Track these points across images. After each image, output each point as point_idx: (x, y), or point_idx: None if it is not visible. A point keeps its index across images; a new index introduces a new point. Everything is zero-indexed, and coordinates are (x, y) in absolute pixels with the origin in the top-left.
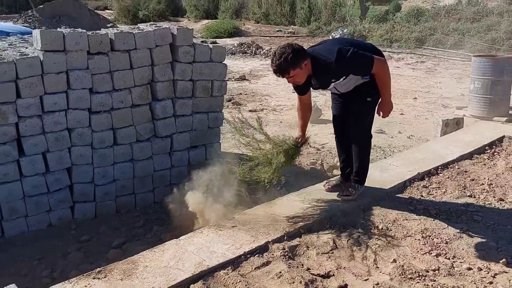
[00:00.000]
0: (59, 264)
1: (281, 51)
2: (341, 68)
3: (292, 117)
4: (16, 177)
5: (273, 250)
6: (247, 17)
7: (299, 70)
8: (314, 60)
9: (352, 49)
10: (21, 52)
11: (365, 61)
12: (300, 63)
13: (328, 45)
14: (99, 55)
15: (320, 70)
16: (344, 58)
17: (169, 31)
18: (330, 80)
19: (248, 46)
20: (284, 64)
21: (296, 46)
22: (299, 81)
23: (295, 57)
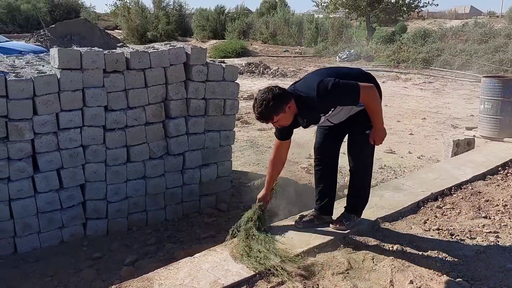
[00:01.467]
0: (71, 281)
1: (262, 98)
2: (324, 103)
3: (301, 136)
4: (31, 193)
5: (287, 269)
6: (254, 37)
7: (283, 114)
8: (298, 99)
9: (333, 81)
10: (39, 70)
11: (349, 91)
12: (283, 107)
13: (308, 80)
14: (115, 73)
15: (305, 108)
16: (325, 91)
17: (183, 51)
18: (318, 115)
19: (256, 66)
20: (266, 112)
21: (277, 91)
22: (285, 124)
23: (277, 102)
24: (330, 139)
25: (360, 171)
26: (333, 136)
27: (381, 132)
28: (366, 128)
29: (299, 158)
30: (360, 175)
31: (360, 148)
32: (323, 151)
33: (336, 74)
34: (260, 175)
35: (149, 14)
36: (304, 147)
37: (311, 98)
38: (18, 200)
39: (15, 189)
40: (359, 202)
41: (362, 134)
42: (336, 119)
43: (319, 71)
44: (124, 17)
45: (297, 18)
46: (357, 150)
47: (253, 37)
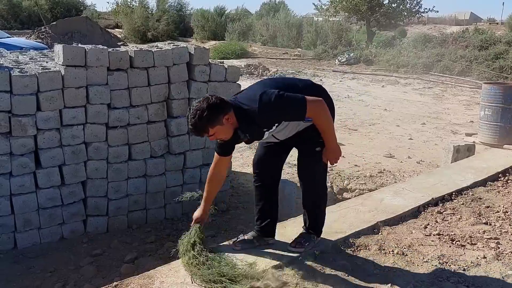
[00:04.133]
0: (71, 277)
1: (195, 108)
2: (266, 117)
3: None
4: (32, 189)
5: (287, 270)
6: (254, 39)
7: (220, 127)
8: (238, 111)
9: (277, 93)
10: (43, 66)
11: (294, 105)
12: (219, 119)
13: (251, 91)
14: (118, 71)
15: (247, 122)
16: (268, 104)
17: (186, 50)
18: (262, 130)
19: (255, 67)
20: (200, 124)
21: (213, 100)
22: (223, 137)
23: (212, 113)
24: (271, 153)
25: (311, 192)
26: (275, 149)
27: (334, 151)
28: (316, 145)
29: None
30: (312, 195)
31: (310, 167)
32: (263, 166)
33: (282, 86)
34: None
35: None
36: None
37: (252, 111)
38: (19, 196)
39: (17, 184)
40: (317, 222)
41: (311, 151)
42: (282, 135)
43: (264, 81)
44: (126, 16)
45: (296, 21)
46: (306, 170)
47: (252, 38)
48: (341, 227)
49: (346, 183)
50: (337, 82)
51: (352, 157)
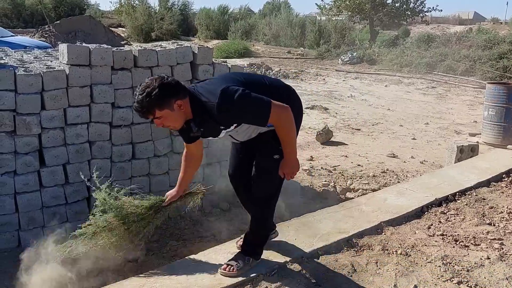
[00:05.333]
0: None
1: (146, 85)
2: (225, 115)
3: (302, 137)
4: (36, 187)
5: (291, 270)
6: (257, 38)
7: (169, 112)
8: (195, 101)
9: (241, 91)
10: (47, 65)
11: (257, 108)
12: (170, 103)
13: (212, 84)
14: (122, 70)
15: (202, 115)
16: (229, 102)
17: (190, 50)
18: (218, 128)
19: (258, 66)
20: (147, 102)
21: (167, 80)
22: (171, 125)
23: (163, 93)
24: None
25: (260, 202)
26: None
27: (292, 164)
28: (275, 152)
29: (300, 160)
30: (260, 206)
31: (264, 175)
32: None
33: (247, 83)
34: None
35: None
36: (304, 148)
37: (210, 106)
38: (23, 194)
39: (21, 182)
40: (257, 240)
41: (268, 158)
42: (241, 137)
43: (229, 75)
44: (129, 15)
45: (299, 20)
46: (260, 177)
47: (255, 38)
48: (344, 227)
49: (349, 183)
50: (340, 81)
51: (355, 156)
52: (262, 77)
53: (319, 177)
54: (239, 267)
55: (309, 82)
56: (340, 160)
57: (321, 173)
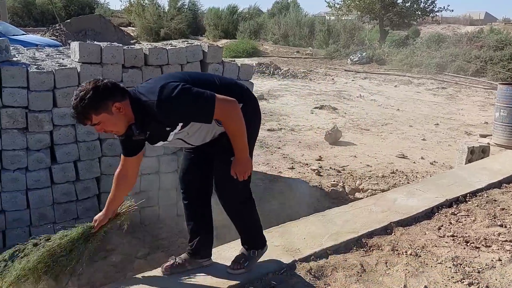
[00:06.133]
0: (85, 271)
1: (79, 89)
2: (166, 112)
3: (311, 137)
4: (48, 183)
5: (299, 269)
6: (266, 38)
7: (107, 115)
8: (135, 103)
9: (181, 85)
10: (59, 63)
11: (199, 102)
12: (106, 105)
13: (154, 82)
14: (133, 69)
15: (143, 117)
16: (168, 98)
17: (200, 48)
18: (164, 129)
19: (266, 66)
20: (81, 107)
21: (102, 83)
22: (113, 130)
23: (97, 96)
24: (196, 165)
25: (231, 205)
26: (199, 160)
27: (243, 163)
28: (232, 154)
29: (309, 160)
30: (241, 209)
31: (224, 178)
32: (189, 181)
33: (193, 80)
34: (269, 175)
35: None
36: (313, 148)
37: (150, 104)
38: (35, 190)
39: (33, 179)
40: (253, 236)
41: (225, 161)
42: (194, 140)
43: (174, 74)
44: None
45: (308, 20)
46: (221, 181)
47: (264, 37)
48: (353, 227)
49: (358, 183)
50: (349, 81)
51: (364, 157)
52: (213, 76)
53: (327, 177)
54: (246, 263)
55: (318, 82)
56: (349, 160)
57: (330, 173)
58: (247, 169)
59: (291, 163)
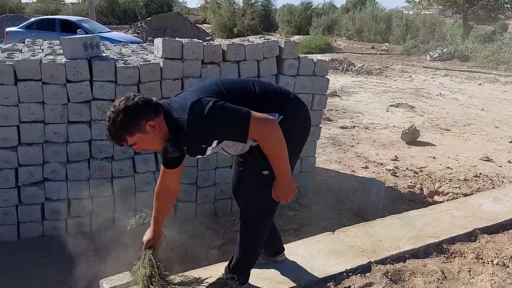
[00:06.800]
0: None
1: (111, 110)
2: (197, 132)
3: (386, 136)
4: (131, 173)
5: (375, 272)
6: (339, 33)
7: (142, 136)
8: (169, 119)
9: (212, 104)
10: (144, 59)
11: (233, 122)
12: (139, 125)
13: (186, 96)
14: (211, 64)
15: (177, 134)
16: (199, 118)
17: (276, 44)
18: (200, 146)
19: (339, 62)
20: (114, 130)
21: (132, 102)
22: (150, 148)
23: (129, 117)
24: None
25: (248, 226)
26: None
27: (284, 187)
28: (264, 167)
29: (384, 159)
30: (247, 231)
31: (251, 193)
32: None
33: (228, 92)
34: (342, 174)
35: (237, 9)
36: (389, 148)
37: (181, 123)
38: (119, 178)
39: (118, 168)
40: (242, 265)
41: (256, 174)
42: (232, 149)
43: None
44: (214, 11)
45: (385, 15)
46: (247, 196)
47: (337, 33)
48: (433, 231)
49: (438, 186)
50: (428, 78)
51: (444, 158)
52: (251, 84)
53: (404, 178)
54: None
55: (394, 79)
56: (428, 161)
57: (406, 174)
58: (289, 192)
59: (365, 162)
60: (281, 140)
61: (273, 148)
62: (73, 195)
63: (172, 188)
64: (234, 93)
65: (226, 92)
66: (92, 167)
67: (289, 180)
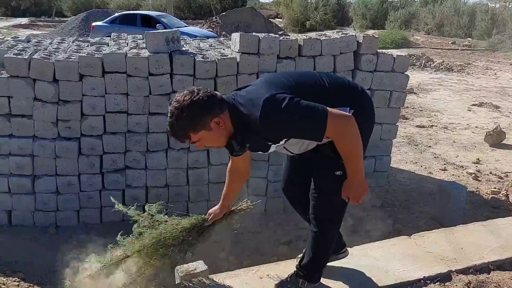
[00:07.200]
0: (233, 250)
1: (174, 105)
2: (270, 130)
3: (468, 137)
4: (205, 164)
5: (455, 282)
6: (417, 28)
7: (206, 133)
8: (235, 115)
9: (288, 100)
10: (221, 53)
11: (309, 120)
12: (204, 122)
13: (254, 91)
14: (287, 59)
15: (244, 131)
16: (274, 115)
17: (354, 39)
18: (265, 143)
19: (417, 58)
20: (178, 126)
21: (198, 96)
22: (212, 146)
23: (195, 114)
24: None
25: (319, 224)
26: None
27: (357, 186)
28: (337, 168)
29: (464, 162)
30: (320, 228)
31: (323, 195)
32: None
33: (300, 86)
34: (418, 175)
35: (309, 4)
36: (470, 150)
37: (253, 120)
38: (194, 169)
39: (193, 159)
40: (313, 265)
41: (329, 175)
42: (297, 148)
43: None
44: (286, 6)
45: (468, 8)
46: (319, 198)
47: (415, 27)
48: None
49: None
50: None
51: None
52: (320, 76)
53: (487, 183)
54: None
55: (477, 76)
56: None
57: (490, 178)
58: (362, 192)
59: (443, 164)
60: (358, 137)
61: (350, 146)
62: (151, 183)
63: (242, 168)
64: (304, 86)
65: (296, 85)
66: (170, 157)
67: (363, 180)
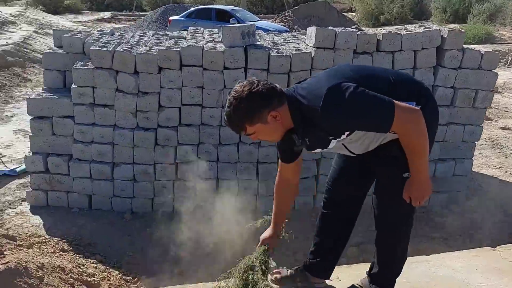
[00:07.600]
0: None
1: (233, 95)
2: (334, 121)
3: None
4: (275, 159)
5: None
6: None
7: (262, 126)
8: (295, 107)
9: (353, 89)
10: (296, 48)
11: (375, 111)
12: (262, 115)
13: (317, 82)
14: (364, 54)
15: (304, 123)
16: (337, 104)
17: (438, 33)
18: (326, 137)
19: (503, 55)
20: (235, 116)
21: (257, 88)
22: (268, 139)
23: (253, 105)
24: (349, 176)
25: (388, 234)
26: (355, 171)
27: (422, 185)
28: (405, 169)
29: None
30: (388, 239)
31: (391, 199)
32: (335, 190)
33: (363, 78)
34: (501, 181)
35: None
36: None
37: (313, 110)
38: (264, 164)
39: (264, 153)
40: (384, 275)
41: (396, 177)
42: (357, 147)
43: (338, 69)
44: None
45: None
46: (386, 202)
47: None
48: None
49: None
50: None
51: None
52: (382, 70)
53: None
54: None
55: None
56: None
57: None
58: (425, 193)
59: None
60: (425, 132)
61: (416, 143)
62: (222, 175)
63: (292, 180)
64: (369, 78)
65: (360, 77)
66: (241, 151)
67: (426, 180)
